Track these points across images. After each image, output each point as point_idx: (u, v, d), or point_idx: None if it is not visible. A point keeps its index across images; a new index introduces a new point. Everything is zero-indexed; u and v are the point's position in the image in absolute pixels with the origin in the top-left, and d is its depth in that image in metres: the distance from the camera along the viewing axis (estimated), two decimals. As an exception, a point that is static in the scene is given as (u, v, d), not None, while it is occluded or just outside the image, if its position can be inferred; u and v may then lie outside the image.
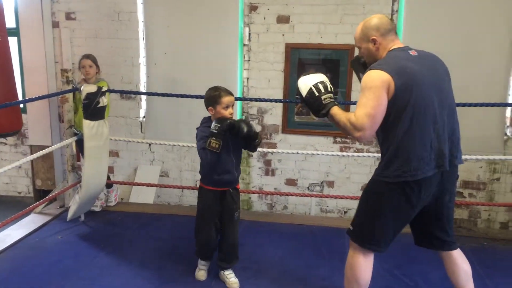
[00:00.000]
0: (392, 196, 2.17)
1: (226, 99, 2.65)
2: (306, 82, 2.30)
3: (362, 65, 2.38)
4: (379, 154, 4.14)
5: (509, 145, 4.01)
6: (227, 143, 2.63)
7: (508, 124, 4.03)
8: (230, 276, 2.94)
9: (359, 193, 4.23)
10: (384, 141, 2.19)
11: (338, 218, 4.38)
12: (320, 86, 2.26)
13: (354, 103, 3.92)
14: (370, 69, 2.14)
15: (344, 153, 4.03)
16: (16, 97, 3.69)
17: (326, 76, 2.63)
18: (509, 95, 3.96)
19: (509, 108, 4.00)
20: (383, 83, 2.05)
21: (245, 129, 2.58)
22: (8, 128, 3.64)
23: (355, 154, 4.03)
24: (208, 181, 2.82)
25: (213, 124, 2.55)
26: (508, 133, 4.03)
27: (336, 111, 2.20)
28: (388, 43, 2.24)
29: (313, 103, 2.26)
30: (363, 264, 2.31)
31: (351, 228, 2.37)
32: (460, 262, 2.40)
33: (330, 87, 2.28)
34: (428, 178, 2.10)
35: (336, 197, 4.12)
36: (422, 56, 2.23)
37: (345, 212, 4.39)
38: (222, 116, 2.65)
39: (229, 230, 2.88)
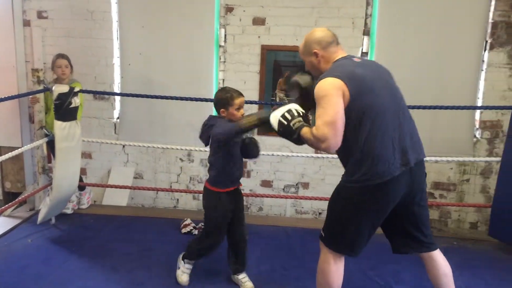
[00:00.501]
0: (361, 200, 2.17)
1: (238, 101, 2.65)
2: (275, 117, 2.29)
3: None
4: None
5: (478, 147, 4.12)
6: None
7: (477, 126, 4.14)
8: (245, 280, 2.91)
9: (333, 195, 4.30)
10: (345, 148, 2.15)
11: (313, 219, 4.41)
12: (287, 115, 2.24)
13: (329, 105, 3.98)
14: (320, 79, 2.14)
15: (319, 155, 4.06)
16: None
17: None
18: (478, 98, 4.07)
19: (478, 111, 4.11)
20: (337, 89, 2.06)
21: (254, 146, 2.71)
22: None
23: (330, 156, 4.07)
24: (218, 183, 2.75)
25: (246, 117, 2.51)
26: (477, 135, 4.13)
27: (304, 130, 2.18)
28: (330, 55, 2.30)
29: (286, 132, 2.26)
30: (334, 269, 2.31)
31: (323, 234, 2.37)
32: (440, 264, 2.40)
33: (299, 112, 2.26)
34: (395, 177, 2.11)
35: (311, 199, 4.15)
36: (365, 62, 2.32)
37: (320, 214, 4.43)
38: (234, 119, 2.63)
39: (241, 230, 2.85)
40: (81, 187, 4.17)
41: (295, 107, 2.29)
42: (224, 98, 2.66)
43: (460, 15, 3.93)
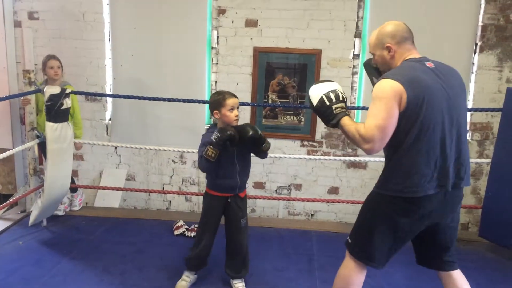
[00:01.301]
0: (389, 211, 2.10)
1: (230, 101, 2.65)
2: (318, 91, 2.16)
3: (376, 70, 2.31)
4: (346, 158, 4.22)
5: (469, 148, 4.15)
6: (230, 150, 2.64)
7: (467, 128, 4.18)
8: (237, 286, 2.92)
9: (326, 196, 4.33)
10: (388, 153, 2.10)
11: (305, 221, 4.42)
12: (332, 95, 2.13)
13: (321, 107, 3.99)
14: (383, 78, 2.04)
15: (312, 156, 4.08)
16: None
17: (294, 80, 2.65)
18: (468, 100, 4.11)
19: (468, 114, 4.15)
20: (395, 94, 1.95)
21: (250, 133, 2.56)
22: None
23: (322, 157, 4.08)
24: (211, 186, 2.83)
25: (214, 133, 2.54)
26: (468, 137, 4.17)
27: (346, 121, 2.08)
28: (404, 52, 2.17)
29: (324, 112, 2.14)
30: (354, 277, 2.23)
31: (349, 240, 2.29)
32: (460, 284, 2.31)
33: (343, 97, 2.16)
34: (428, 196, 2.02)
35: (303, 200, 4.16)
36: (439, 68, 2.14)
37: (312, 215, 4.45)
38: (228, 120, 2.64)
39: (236, 238, 2.86)
40: (73, 189, 4.15)
41: (340, 89, 2.18)
42: (217, 100, 2.68)
43: (450, 18, 3.96)
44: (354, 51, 4.13)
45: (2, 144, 4.42)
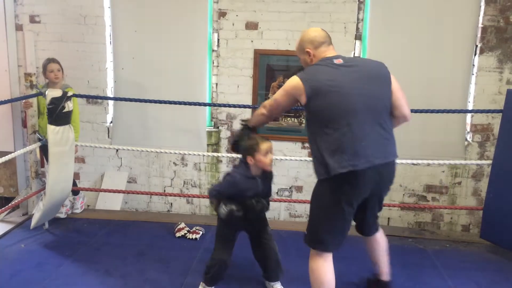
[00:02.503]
0: (323, 193, 2.38)
1: (265, 146, 2.61)
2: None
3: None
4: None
5: (470, 150, 4.16)
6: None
7: (468, 130, 4.19)
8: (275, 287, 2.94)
9: (326, 198, 4.32)
10: (310, 143, 2.42)
11: (306, 223, 4.41)
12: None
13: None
14: (294, 75, 2.41)
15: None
16: None
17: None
18: (469, 102, 4.11)
19: (469, 115, 4.16)
20: (293, 89, 2.35)
21: (258, 210, 2.68)
22: None
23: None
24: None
25: (226, 207, 2.63)
26: (468, 139, 4.18)
27: (254, 122, 2.73)
28: (320, 54, 2.44)
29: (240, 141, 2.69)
30: (321, 266, 2.44)
31: (305, 233, 2.54)
32: (380, 239, 2.75)
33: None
34: (352, 172, 2.23)
35: (304, 202, 4.16)
36: (350, 63, 2.39)
37: (313, 217, 4.45)
38: (263, 165, 2.64)
39: (268, 245, 2.84)
40: (75, 192, 4.16)
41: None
42: (250, 146, 2.63)
43: (450, 19, 3.97)
44: (354, 53, 4.14)
45: (4, 147, 4.44)
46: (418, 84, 4.07)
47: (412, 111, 3.56)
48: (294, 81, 2.34)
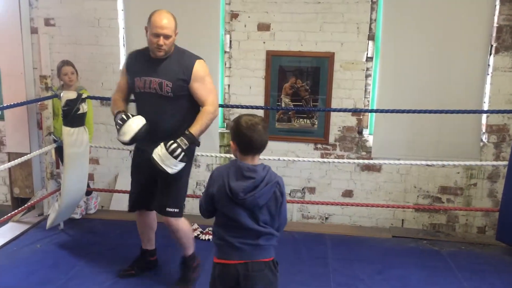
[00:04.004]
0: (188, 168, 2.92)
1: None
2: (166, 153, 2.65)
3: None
4: (360, 161, 4.22)
5: (485, 151, 4.11)
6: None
7: (483, 130, 4.13)
8: None
9: (340, 199, 4.31)
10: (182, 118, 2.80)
11: (319, 224, 4.41)
12: (177, 150, 2.63)
13: (334, 110, 3.99)
14: (198, 59, 2.80)
15: (325, 160, 4.07)
16: None
17: (307, 83, 2.79)
18: (484, 102, 4.06)
19: (484, 115, 4.10)
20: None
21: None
22: None
23: (336, 160, 4.07)
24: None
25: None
26: (484, 140, 4.12)
27: (195, 127, 2.73)
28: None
29: (190, 150, 2.75)
30: (187, 227, 3.02)
31: (173, 208, 2.92)
32: (154, 220, 3.17)
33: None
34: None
35: (317, 203, 4.15)
36: None
37: (327, 218, 4.43)
38: None
39: None
40: (88, 192, 4.20)
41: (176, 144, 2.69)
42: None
43: (465, 19, 3.93)
44: (367, 54, 4.11)
45: (19, 149, 4.50)
46: (433, 85, 4.03)
47: (427, 111, 3.57)
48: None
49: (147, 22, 2.78)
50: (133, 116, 2.71)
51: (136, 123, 2.67)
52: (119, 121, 2.70)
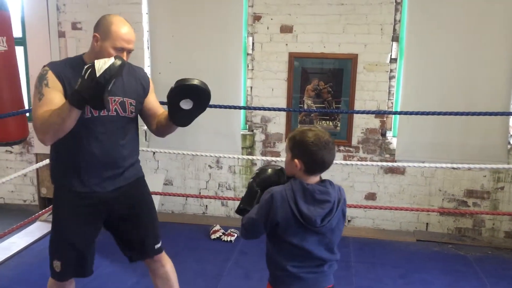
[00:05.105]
0: None
1: None
2: None
3: None
4: (383, 163, 4.17)
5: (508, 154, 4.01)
6: None
7: (511, 133, 4.03)
8: None
9: (363, 202, 4.27)
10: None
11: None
12: None
13: (358, 112, 3.96)
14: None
15: (348, 162, 4.04)
16: (23, 106, 3.73)
17: (329, 85, 2.48)
18: (511, 104, 3.97)
19: (511, 118, 4.01)
20: None
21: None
22: (15, 136, 3.67)
23: (359, 162, 4.04)
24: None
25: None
26: (512, 142, 4.03)
27: None
28: None
29: None
30: None
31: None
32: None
33: None
34: None
35: (339, 206, 4.11)
36: None
37: (349, 221, 4.39)
38: None
39: None
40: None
41: None
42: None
43: (492, 19, 3.84)
44: (391, 55, 4.07)
45: (47, 150, 4.59)
46: (459, 86, 3.96)
47: (453, 113, 3.50)
48: None
49: (98, 29, 2.22)
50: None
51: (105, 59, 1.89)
52: (85, 69, 1.85)
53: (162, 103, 2.50)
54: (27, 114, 4.41)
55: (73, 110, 1.86)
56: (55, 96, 2.00)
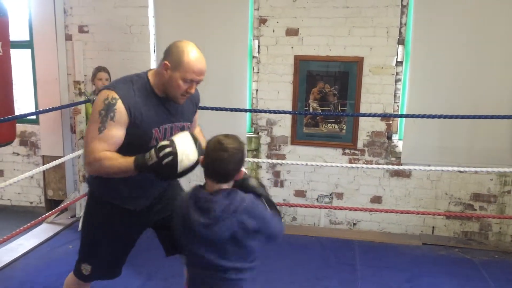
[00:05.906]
0: None
1: None
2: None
3: None
4: (389, 166, 4.16)
5: (523, 157, 3.98)
6: None
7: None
8: None
9: (368, 205, 4.26)
10: None
11: (347, 230, 4.36)
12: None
13: (363, 115, 3.96)
14: None
15: (353, 165, 4.03)
16: (13, 111, 3.72)
17: (335, 88, 2.49)
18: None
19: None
20: None
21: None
22: (1, 139, 3.66)
23: (364, 165, 4.03)
24: None
25: None
26: (520, 145, 4.00)
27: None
28: None
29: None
30: None
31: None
32: None
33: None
34: None
35: (345, 209, 4.11)
36: None
37: (355, 224, 4.38)
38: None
39: None
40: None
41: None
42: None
43: (499, 21, 3.83)
44: (397, 58, 4.06)
45: (53, 152, 4.63)
46: (465, 89, 3.95)
47: (459, 116, 3.49)
48: None
49: (168, 57, 2.08)
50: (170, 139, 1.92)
51: (184, 139, 1.97)
52: (164, 153, 1.86)
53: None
54: (34, 117, 4.44)
55: (136, 171, 1.84)
56: (118, 134, 1.91)
